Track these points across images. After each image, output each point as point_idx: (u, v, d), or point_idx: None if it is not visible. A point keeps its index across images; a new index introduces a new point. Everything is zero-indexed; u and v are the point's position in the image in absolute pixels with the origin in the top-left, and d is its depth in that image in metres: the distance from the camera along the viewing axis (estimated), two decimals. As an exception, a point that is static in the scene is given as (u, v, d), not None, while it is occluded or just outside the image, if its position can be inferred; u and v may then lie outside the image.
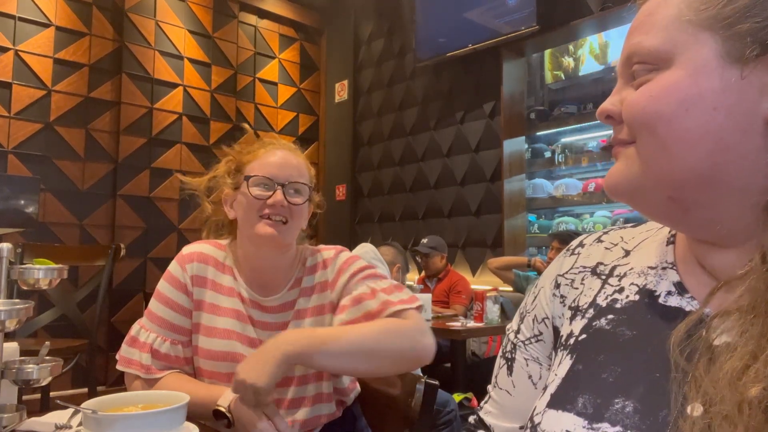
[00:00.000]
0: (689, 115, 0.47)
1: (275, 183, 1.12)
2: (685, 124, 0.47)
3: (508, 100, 4.13)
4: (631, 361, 0.52)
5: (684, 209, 0.49)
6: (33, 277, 0.85)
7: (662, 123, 0.48)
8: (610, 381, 0.51)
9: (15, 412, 0.83)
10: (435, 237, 3.89)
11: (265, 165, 1.14)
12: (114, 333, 3.95)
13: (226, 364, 1.11)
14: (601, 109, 0.54)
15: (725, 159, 0.47)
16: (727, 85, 0.46)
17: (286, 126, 5.33)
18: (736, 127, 0.46)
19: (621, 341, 0.54)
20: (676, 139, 0.48)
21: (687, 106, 0.47)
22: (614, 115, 0.53)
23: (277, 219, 1.10)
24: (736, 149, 0.46)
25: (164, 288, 1.16)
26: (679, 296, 0.53)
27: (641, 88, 0.50)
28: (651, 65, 0.50)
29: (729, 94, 0.46)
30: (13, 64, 3.74)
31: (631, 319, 0.55)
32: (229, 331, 1.12)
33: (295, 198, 1.13)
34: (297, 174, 1.15)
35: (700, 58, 0.47)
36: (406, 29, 4.82)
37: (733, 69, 0.46)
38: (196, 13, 4.58)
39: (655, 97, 0.49)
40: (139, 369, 1.09)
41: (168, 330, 1.13)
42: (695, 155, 0.47)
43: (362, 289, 1.13)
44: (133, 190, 4.17)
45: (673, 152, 0.48)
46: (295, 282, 1.18)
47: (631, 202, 0.53)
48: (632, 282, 0.58)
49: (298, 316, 1.15)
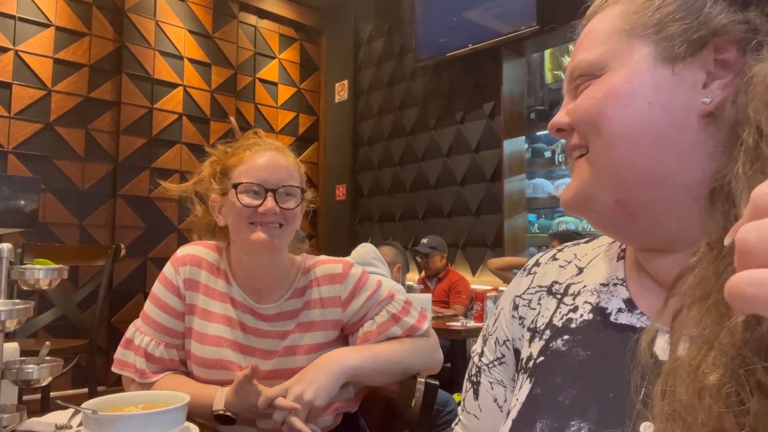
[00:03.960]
0: (628, 111, 0.50)
1: (265, 189, 1.06)
2: (625, 120, 0.50)
3: (508, 100, 4.13)
4: (586, 382, 0.52)
5: (631, 214, 0.51)
6: (33, 278, 0.85)
7: (605, 121, 0.50)
8: (567, 404, 0.51)
9: (15, 413, 0.83)
10: (435, 237, 3.89)
11: (253, 169, 1.07)
12: (114, 333, 3.94)
13: (217, 371, 1.10)
14: (552, 123, 0.57)
15: (665, 154, 0.49)
16: (659, 82, 0.49)
17: (286, 126, 5.33)
18: (672, 122, 0.49)
19: (576, 362, 0.54)
20: (618, 136, 0.50)
21: (625, 103, 0.50)
22: (564, 126, 0.56)
23: (271, 225, 1.06)
24: (674, 144, 0.49)
25: (158, 290, 1.14)
26: (629, 313, 0.54)
27: (582, 93, 0.54)
28: (591, 76, 0.53)
29: (662, 91, 0.49)
30: (13, 64, 3.74)
31: (586, 339, 0.55)
32: (220, 338, 1.10)
33: (287, 203, 1.07)
34: (288, 177, 1.09)
35: (633, 61, 0.51)
36: (406, 29, 4.82)
37: (665, 68, 0.49)
38: (196, 13, 4.58)
39: (594, 98, 0.52)
40: (133, 373, 1.09)
41: (162, 333, 1.12)
42: (637, 151, 0.49)
43: (384, 316, 1.14)
44: (133, 190, 4.17)
45: (618, 150, 0.50)
46: (297, 292, 1.15)
47: (583, 213, 0.55)
48: (586, 300, 0.58)
49: (301, 329, 1.13)
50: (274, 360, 1.11)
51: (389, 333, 1.12)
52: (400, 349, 1.10)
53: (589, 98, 0.52)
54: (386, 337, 1.12)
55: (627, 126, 0.50)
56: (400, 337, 1.13)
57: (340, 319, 1.15)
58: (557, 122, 0.56)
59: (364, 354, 1.07)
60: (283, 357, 1.11)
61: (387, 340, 1.12)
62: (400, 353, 1.09)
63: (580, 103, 0.53)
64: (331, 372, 1.00)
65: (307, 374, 0.99)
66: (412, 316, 1.15)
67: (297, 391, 0.95)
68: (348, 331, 1.17)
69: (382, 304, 1.15)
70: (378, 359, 1.07)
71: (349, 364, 1.03)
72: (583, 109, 0.52)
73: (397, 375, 1.11)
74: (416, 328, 1.14)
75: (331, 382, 0.99)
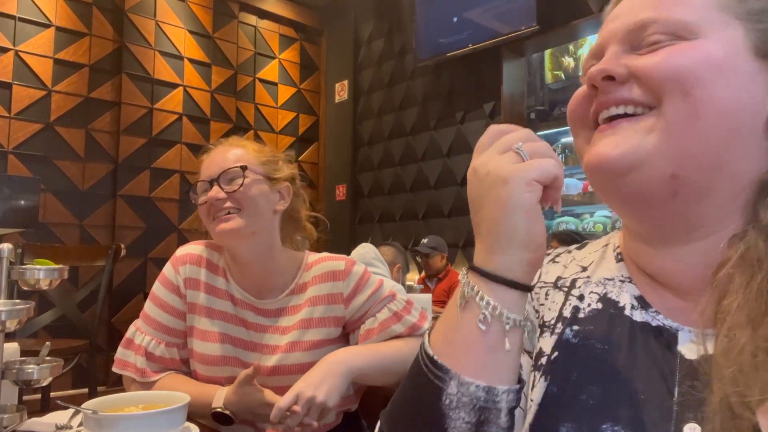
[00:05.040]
0: (727, 85, 0.46)
1: (208, 182, 1.09)
2: (723, 93, 0.46)
3: (508, 100, 4.13)
4: (609, 380, 0.49)
5: (675, 192, 0.47)
6: (33, 278, 0.85)
7: (700, 86, 0.46)
8: (592, 404, 0.49)
9: (15, 413, 0.83)
10: (435, 237, 3.89)
11: (203, 170, 1.13)
12: (114, 333, 3.94)
13: (221, 368, 1.10)
14: (602, 68, 0.49)
15: (735, 143, 0.47)
16: (750, 73, 0.47)
17: (286, 126, 5.33)
18: (750, 114, 0.47)
19: (592, 356, 0.52)
20: (710, 107, 0.46)
21: (724, 75, 0.46)
22: (618, 76, 0.49)
23: (222, 214, 1.07)
24: (744, 137, 0.47)
25: (158, 290, 1.15)
26: (643, 310, 0.52)
27: (673, 48, 0.47)
28: (675, 37, 0.48)
29: (751, 82, 0.47)
30: (13, 64, 3.74)
31: (599, 331, 0.53)
32: (223, 334, 1.11)
33: (230, 185, 1.08)
34: (229, 162, 1.10)
35: (733, 40, 0.47)
36: (406, 29, 4.82)
37: (755, 61, 0.47)
38: (196, 13, 4.58)
39: (692, 58, 0.46)
40: (134, 372, 1.09)
41: (162, 333, 1.12)
42: (718, 129, 0.46)
43: (385, 314, 1.14)
44: (133, 190, 4.17)
45: (704, 121, 0.46)
46: (299, 288, 1.16)
47: (618, 178, 0.49)
48: (592, 290, 0.57)
49: (303, 325, 1.13)
50: (277, 356, 1.11)
51: (391, 330, 1.13)
52: (405, 349, 1.10)
53: (687, 56, 0.46)
54: (388, 335, 1.12)
55: (723, 99, 0.46)
56: (402, 334, 1.13)
57: (342, 316, 1.15)
58: (611, 69, 0.49)
59: (368, 354, 1.07)
60: (286, 353, 1.11)
61: (389, 338, 1.13)
62: (405, 353, 1.09)
63: (668, 58, 0.47)
64: (339, 372, 1.00)
65: (315, 376, 0.99)
66: (413, 315, 1.16)
67: (308, 395, 0.95)
68: (350, 328, 1.17)
69: (384, 302, 1.15)
70: (383, 359, 1.07)
71: (354, 365, 1.03)
72: (674, 65, 0.46)
73: (400, 375, 1.10)
74: (418, 327, 1.15)
75: (341, 382, 0.99)
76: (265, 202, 1.11)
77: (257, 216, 1.10)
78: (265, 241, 1.13)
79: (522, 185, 0.47)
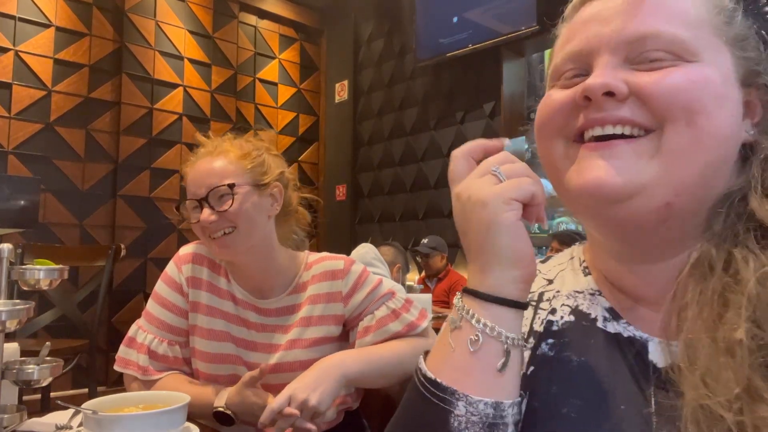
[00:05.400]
0: (721, 114, 0.46)
1: (199, 202, 1.07)
2: (719, 121, 0.46)
3: (508, 100, 4.13)
4: (588, 393, 0.50)
5: (665, 219, 0.47)
6: (33, 278, 0.85)
7: (703, 114, 0.45)
8: (573, 417, 0.49)
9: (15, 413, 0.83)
10: (435, 237, 3.89)
11: (189, 187, 1.09)
12: (114, 333, 3.94)
13: (223, 366, 1.11)
14: (604, 83, 0.46)
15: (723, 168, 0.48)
16: (738, 99, 0.48)
17: (286, 126, 5.33)
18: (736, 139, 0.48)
19: (570, 369, 0.52)
20: (711, 135, 0.46)
21: (720, 104, 0.46)
22: (620, 94, 0.46)
23: (218, 235, 1.06)
24: (727, 163, 0.48)
25: (161, 289, 1.16)
26: (615, 321, 0.53)
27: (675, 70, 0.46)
28: (676, 56, 0.46)
29: (737, 108, 0.48)
30: (13, 64, 3.74)
31: (574, 344, 0.53)
32: (225, 333, 1.13)
33: (222, 205, 1.06)
34: (216, 179, 1.06)
35: (725, 66, 0.47)
36: (406, 29, 4.82)
37: (740, 89, 0.48)
38: (196, 13, 4.58)
39: (697, 83, 0.46)
40: (136, 370, 1.10)
41: (165, 331, 1.13)
42: (717, 155, 0.46)
43: (383, 311, 1.14)
44: (133, 190, 4.17)
45: (705, 149, 0.46)
46: (299, 287, 1.17)
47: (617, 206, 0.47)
48: (563, 303, 0.57)
49: (304, 323, 1.14)
50: (278, 354, 1.12)
51: (388, 328, 1.13)
52: (400, 350, 1.11)
53: (691, 81, 0.45)
54: (385, 333, 1.13)
55: (720, 127, 0.46)
56: (400, 332, 1.13)
57: (341, 314, 1.16)
58: (614, 86, 0.46)
59: (363, 357, 1.08)
60: (287, 351, 1.12)
61: (387, 337, 1.13)
62: (400, 354, 1.10)
63: (674, 81, 0.45)
64: (333, 376, 1.00)
65: (309, 379, 0.99)
66: (411, 314, 1.16)
67: (301, 398, 0.95)
68: (349, 325, 1.18)
69: (383, 300, 1.16)
70: (378, 362, 1.08)
71: (349, 369, 1.03)
72: (682, 90, 0.45)
73: (397, 376, 1.11)
74: (415, 325, 1.15)
75: (334, 387, 0.99)
76: (259, 213, 1.10)
77: (253, 229, 1.09)
78: (263, 246, 1.13)
79: (501, 205, 0.48)
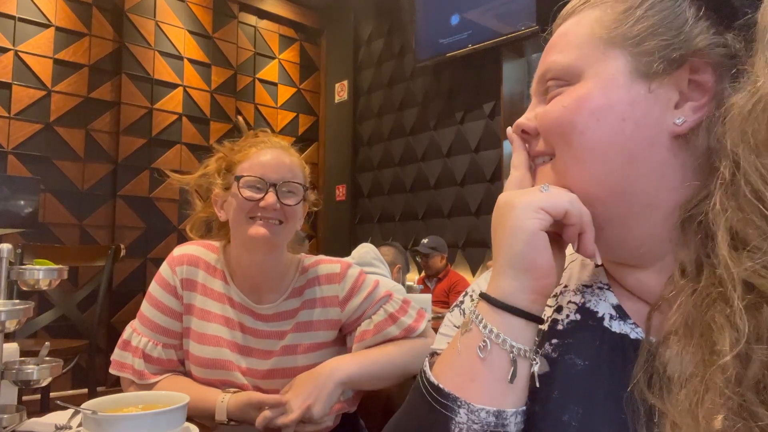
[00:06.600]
0: (600, 126, 0.48)
1: (267, 184, 1.05)
2: (597, 134, 0.48)
3: (507, 100, 4.13)
4: (590, 400, 0.49)
5: (597, 227, 0.49)
6: (33, 278, 0.85)
7: (576, 133, 0.49)
8: (574, 425, 0.48)
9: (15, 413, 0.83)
10: (435, 237, 3.89)
11: (257, 165, 1.07)
12: (114, 333, 3.94)
13: (215, 371, 1.10)
14: (517, 124, 0.55)
15: (634, 171, 0.48)
16: (635, 98, 0.48)
17: (286, 126, 5.33)
18: (643, 139, 0.47)
19: (573, 373, 0.51)
20: (589, 150, 0.49)
21: (598, 117, 0.48)
22: (529, 130, 0.54)
23: (270, 220, 1.06)
24: (644, 162, 0.47)
25: (155, 290, 1.13)
26: (622, 321, 0.52)
27: (554, 100, 0.51)
28: (563, 81, 0.51)
29: (636, 107, 0.47)
30: (13, 64, 3.74)
31: (579, 345, 0.52)
32: (218, 338, 1.10)
33: (288, 199, 1.07)
34: (290, 174, 1.08)
35: (610, 72, 0.49)
36: (406, 29, 4.82)
37: (641, 84, 0.48)
38: (196, 13, 4.58)
39: (567, 107, 0.49)
40: (132, 374, 1.08)
41: (159, 334, 1.11)
42: (607, 166, 0.48)
43: (381, 315, 1.13)
44: (133, 190, 4.17)
45: (587, 164, 0.49)
46: (295, 291, 1.15)
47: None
48: (570, 300, 0.56)
49: (299, 328, 1.13)
50: (272, 360, 1.11)
51: (386, 333, 1.12)
52: (397, 352, 1.10)
53: (562, 107, 0.50)
54: (383, 338, 1.12)
55: (599, 140, 0.48)
56: (397, 337, 1.13)
57: (338, 318, 1.14)
58: (524, 124, 0.54)
59: (359, 361, 1.07)
60: (281, 356, 1.11)
61: (384, 340, 1.12)
62: (397, 357, 1.09)
63: (551, 110, 0.51)
64: (328, 383, 1.00)
65: (305, 386, 0.99)
66: (409, 316, 1.15)
67: (297, 406, 0.95)
68: (346, 330, 1.17)
69: (380, 303, 1.15)
70: (374, 365, 1.07)
71: (345, 374, 1.03)
72: (554, 117, 0.51)
73: (394, 378, 1.10)
74: (413, 329, 1.14)
75: (330, 394, 0.99)
76: (300, 219, 1.13)
77: (293, 231, 1.11)
78: (282, 250, 1.13)
79: (528, 211, 0.48)
